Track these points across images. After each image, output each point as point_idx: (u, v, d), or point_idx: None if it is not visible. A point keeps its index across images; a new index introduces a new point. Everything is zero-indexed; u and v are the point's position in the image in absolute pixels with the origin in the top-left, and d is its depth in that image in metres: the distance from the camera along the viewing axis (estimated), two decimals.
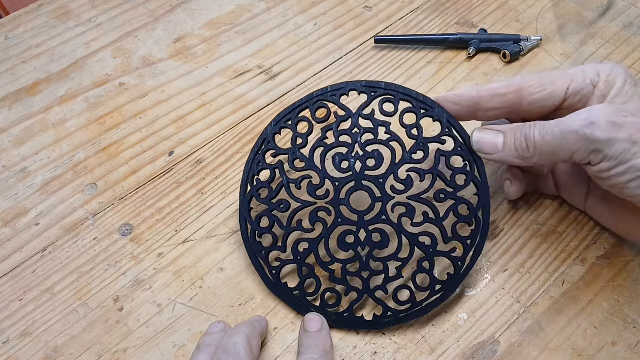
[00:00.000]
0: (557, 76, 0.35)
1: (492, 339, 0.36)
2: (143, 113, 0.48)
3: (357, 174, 0.37)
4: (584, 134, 0.31)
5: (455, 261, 0.36)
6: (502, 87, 0.36)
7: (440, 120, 0.37)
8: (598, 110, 0.31)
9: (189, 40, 0.53)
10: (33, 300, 0.38)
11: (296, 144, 0.38)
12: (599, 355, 0.35)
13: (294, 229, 0.38)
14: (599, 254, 0.39)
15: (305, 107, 0.39)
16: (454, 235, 0.36)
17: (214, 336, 0.35)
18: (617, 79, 0.34)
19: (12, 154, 0.46)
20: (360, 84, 0.38)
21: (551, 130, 0.33)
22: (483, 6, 0.55)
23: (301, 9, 0.55)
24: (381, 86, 0.38)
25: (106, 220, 0.42)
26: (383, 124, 0.38)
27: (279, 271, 0.37)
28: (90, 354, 0.36)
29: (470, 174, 0.37)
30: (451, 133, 0.37)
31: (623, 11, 0.53)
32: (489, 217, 0.36)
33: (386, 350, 0.36)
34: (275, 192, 0.38)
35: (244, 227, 0.38)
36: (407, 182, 0.37)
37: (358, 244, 0.37)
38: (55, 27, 0.54)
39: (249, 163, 0.39)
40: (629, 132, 0.31)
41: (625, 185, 0.32)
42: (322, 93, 0.39)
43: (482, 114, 0.37)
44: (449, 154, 0.37)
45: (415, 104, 0.38)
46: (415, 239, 0.36)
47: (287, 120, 0.39)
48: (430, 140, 0.37)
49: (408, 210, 0.37)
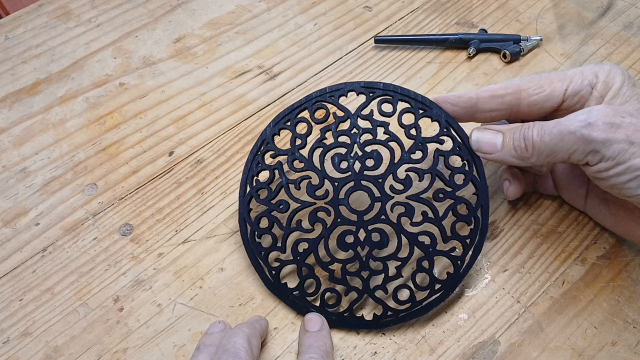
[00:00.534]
0: (556, 77, 0.35)
1: (492, 339, 0.36)
2: (143, 113, 0.48)
3: (356, 174, 0.37)
4: (581, 135, 0.31)
5: (455, 260, 0.36)
6: (500, 88, 0.36)
7: (439, 121, 0.37)
8: (596, 111, 0.32)
9: (189, 40, 0.53)
10: (33, 300, 0.38)
11: (295, 145, 0.38)
12: (599, 355, 0.35)
13: (293, 229, 0.37)
14: (599, 254, 0.39)
15: (304, 108, 0.39)
16: (453, 235, 0.36)
17: (214, 336, 0.35)
18: (615, 80, 0.34)
19: (12, 154, 0.46)
20: (358, 85, 0.38)
21: (549, 131, 0.33)
22: (483, 6, 0.55)
23: (301, 9, 0.55)
24: (379, 87, 0.38)
25: (106, 220, 0.42)
26: (382, 124, 0.38)
27: (278, 271, 0.37)
28: (90, 354, 0.36)
29: (469, 174, 0.37)
30: (450, 133, 0.37)
31: (623, 11, 0.53)
32: (488, 216, 0.36)
33: (386, 350, 0.36)
34: (274, 193, 0.38)
35: (243, 228, 0.38)
36: (406, 181, 0.37)
37: (357, 244, 0.37)
38: (55, 27, 0.54)
39: (248, 164, 0.39)
40: (626, 133, 0.31)
41: (624, 185, 0.32)
42: (320, 94, 0.39)
43: (481, 115, 0.37)
44: (447, 154, 0.37)
45: (414, 104, 0.38)
46: (414, 239, 0.36)
47: (286, 121, 0.39)
48: (428, 140, 0.37)
49: (407, 209, 0.37)
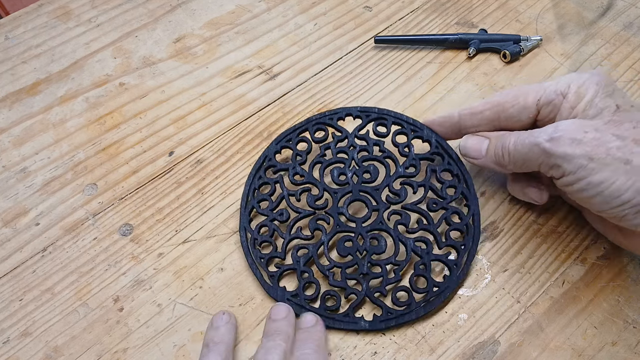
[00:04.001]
0: (532, 89, 0.36)
1: (492, 339, 0.36)
2: (143, 113, 0.48)
3: (354, 185, 0.40)
4: (544, 148, 0.32)
5: (451, 264, 0.38)
6: (479, 105, 0.38)
7: (429, 141, 0.41)
8: (563, 125, 0.32)
9: (189, 40, 0.53)
10: (33, 300, 0.38)
11: (296, 160, 0.41)
12: (599, 355, 0.35)
13: (293, 236, 0.39)
14: (599, 254, 0.39)
15: (305, 129, 0.43)
16: (447, 241, 0.38)
17: (221, 331, 0.34)
18: (588, 90, 0.34)
19: (12, 154, 0.46)
20: (355, 109, 0.43)
21: (522, 141, 0.34)
22: (483, 6, 0.55)
23: (301, 9, 0.55)
24: (374, 111, 0.43)
25: (106, 220, 0.42)
26: (377, 142, 0.41)
27: (277, 275, 0.38)
28: (90, 354, 0.36)
29: (460, 186, 0.40)
30: (440, 151, 0.41)
31: (623, 11, 0.53)
32: (479, 224, 0.39)
33: (386, 350, 0.36)
34: (275, 204, 0.40)
35: (243, 236, 0.39)
36: (401, 192, 0.39)
37: (357, 249, 0.38)
38: (55, 27, 0.54)
39: (250, 178, 0.41)
40: (585, 149, 0.31)
41: (589, 200, 0.32)
42: (320, 117, 0.43)
43: (466, 131, 0.39)
44: (439, 169, 0.40)
45: (406, 126, 0.42)
46: (411, 244, 0.38)
47: (288, 139, 0.42)
48: (421, 157, 0.41)
49: (403, 217, 0.39)
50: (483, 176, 0.43)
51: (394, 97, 0.48)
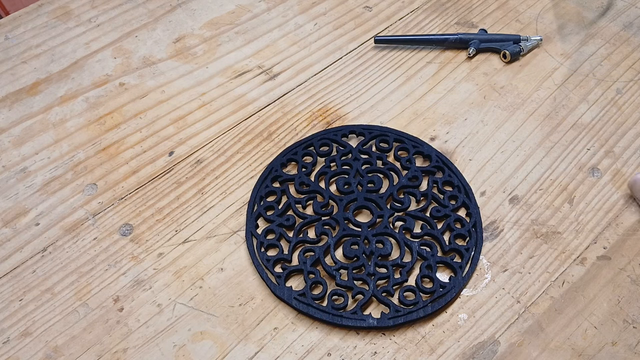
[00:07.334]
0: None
1: (492, 339, 0.36)
2: (143, 113, 0.48)
3: (359, 193, 0.42)
4: None
5: (456, 266, 0.38)
6: None
7: (430, 156, 0.43)
8: None
9: (189, 40, 0.53)
10: (33, 300, 0.38)
11: (302, 171, 0.43)
12: (599, 355, 0.35)
13: (300, 239, 0.40)
14: (599, 254, 0.39)
15: (310, 144, 0.44)
16: (451, 245, 0.39)
17: None
18: None
19: (12, 154, 0.46)
20: (359, 127, 0.45)
21: None
22: (483, 6, 0.55)
23: (301, 9, 0.55)
24: (377, 128, 0.45)
25: (106, 220, 0.42)
26: (380, 156, 0.44)
27: (284, 276, 0.38)
28: (90, 354, 0.36)
29: (461, 196, 0.41)
30: (440, 165, 0.43)
31: (623, 11, 0.53)
32: (482, 230, 0.40)
33: (386, 350, 0.36)
34: (281, 211, 0.41)
35: (249, 241, 0.40)
36: (405, 200, 0.41)
37: (363, 251, 0.39)
38: (55, 27, 0.54)
39: (256, 188, 0.42)
40: None
41: None
42: (325, 133, 0.45)
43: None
44: (440, 180, 0.42)
45: (407, 142, 0.44)
46: (416, 247, 0.39)
47: (294, 153, 0.44)
48: (423, 169, 0.43)
49: (408, 222, 0.40)
50: (483, 176, 0.43)
51: (394, 97, 0.48)
